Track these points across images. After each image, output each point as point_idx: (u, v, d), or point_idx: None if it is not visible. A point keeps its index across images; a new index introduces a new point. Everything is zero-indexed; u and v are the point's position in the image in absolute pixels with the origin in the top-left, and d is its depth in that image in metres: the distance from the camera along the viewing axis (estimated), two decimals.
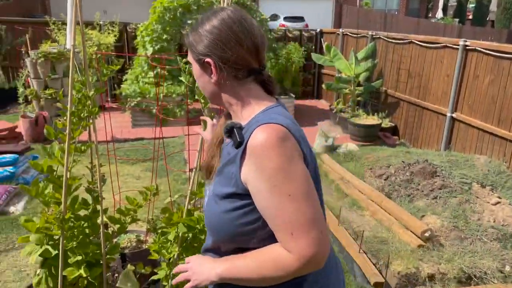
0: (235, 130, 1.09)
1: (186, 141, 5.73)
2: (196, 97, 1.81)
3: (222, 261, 1.14)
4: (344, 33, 8.48)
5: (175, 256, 1.96)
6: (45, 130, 1.86)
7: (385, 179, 4.43)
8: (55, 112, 6.17)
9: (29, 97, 6.35)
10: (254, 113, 1.13)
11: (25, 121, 5.76)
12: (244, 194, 1.07)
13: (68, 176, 1.83)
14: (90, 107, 1.91)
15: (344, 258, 3.26)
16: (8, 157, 4.43)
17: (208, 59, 1.12)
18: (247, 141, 1.04)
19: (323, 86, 7.92)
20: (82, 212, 2.02)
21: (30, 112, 6.09)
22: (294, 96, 7.59)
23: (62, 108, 1.88)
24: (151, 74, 6.86)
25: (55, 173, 1.90)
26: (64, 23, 7.19)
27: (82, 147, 1.92)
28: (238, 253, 1.12)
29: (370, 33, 7.53)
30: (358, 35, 7.93)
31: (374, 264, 3.16)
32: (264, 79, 1.17)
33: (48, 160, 1.86)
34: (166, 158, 3.00)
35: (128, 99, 6.78)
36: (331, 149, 5.69)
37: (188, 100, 6.54)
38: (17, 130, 5.86)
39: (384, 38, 7.14)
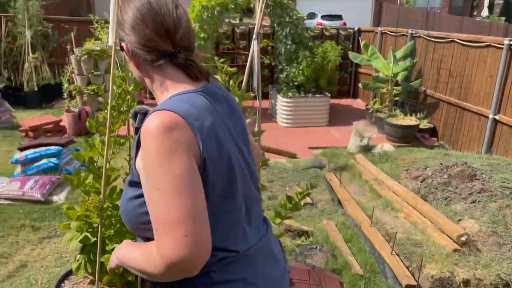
0: (138, 116, 1.06)
1: None
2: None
3: (125, 247, 1.12)
4: (383, 31, 8.31)
5: None
6: (87, 123, 1.96)
7: (421, 181, 4.33)
8: (97, 107, 6.41)
9: (73, 93, 6.64)
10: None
11: (69, 115, 6.03)
12: (139, 182, 1.02)
13: (108, 167, 1.92)
14: (130, 101, 1.99)
15: (376, 259, 3.22)
16: (53, 149, 4.65)
17: (122, 43, 1.12)
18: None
19: (360, 85, 7.80)
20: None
21: (74, 107, 6.36)
22: (329, 95, 7.53)
23: (103, 102, 1.97)
24: None
25: (95, 164, 2.00)
26: (107, 22, 7.44)
27: (121, 140, 2.01)
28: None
29: (409, 31, 7.35)
30: (397, 34, 7.76)
31: (406, 267, 3.10)
32: (181, 63, 1.10)
33: (89, 152, 1.96)
34: None
35: None
36: (366, 149, 5.61)
37: None
38: (61, 123, 6.14)
39: (424, 36, 6.95)
